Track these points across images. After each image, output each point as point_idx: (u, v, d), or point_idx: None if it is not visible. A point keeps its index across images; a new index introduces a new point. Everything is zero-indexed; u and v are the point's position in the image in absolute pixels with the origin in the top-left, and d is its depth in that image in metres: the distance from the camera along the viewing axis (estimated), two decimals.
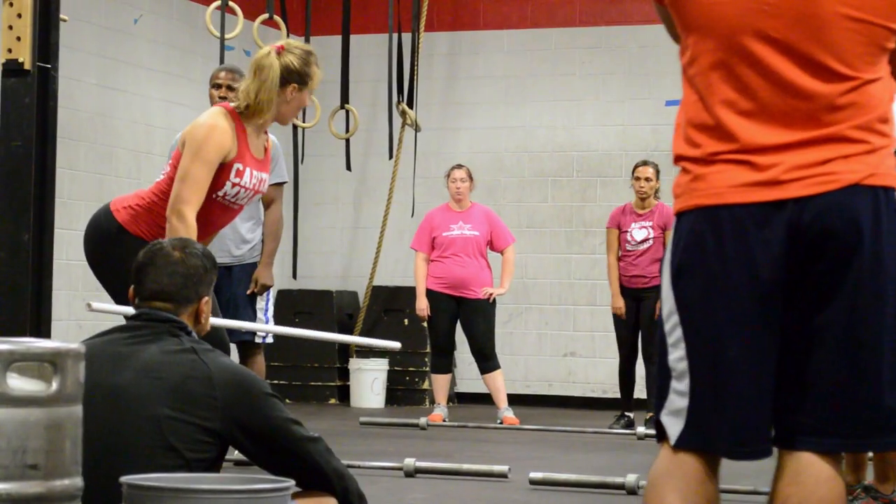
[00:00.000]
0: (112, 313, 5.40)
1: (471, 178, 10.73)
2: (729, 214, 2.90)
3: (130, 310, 3.91)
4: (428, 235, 10.64)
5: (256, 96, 5.37)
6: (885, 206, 2.92)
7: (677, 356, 2.97)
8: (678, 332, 2.96)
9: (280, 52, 5.41)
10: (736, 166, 2.91)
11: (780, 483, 2.97)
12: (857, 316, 2.91)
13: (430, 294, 10.55)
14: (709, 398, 2.93)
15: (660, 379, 3.02)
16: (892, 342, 2.94)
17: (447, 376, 10.75)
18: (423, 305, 10.55)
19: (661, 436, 3.01)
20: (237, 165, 5.35)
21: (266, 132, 5.55)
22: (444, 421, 10.50)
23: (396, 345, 5.66)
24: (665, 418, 3.00)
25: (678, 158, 3.01)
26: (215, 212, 5.42)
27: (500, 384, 10.58)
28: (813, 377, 2.93)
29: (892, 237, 2.93)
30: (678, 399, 2.97)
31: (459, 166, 10.83)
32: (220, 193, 5.36)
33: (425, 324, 10.90)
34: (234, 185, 5.36)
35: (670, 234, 3.05)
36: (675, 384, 2.98)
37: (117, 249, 5.38)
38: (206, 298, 3.87)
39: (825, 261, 2.89)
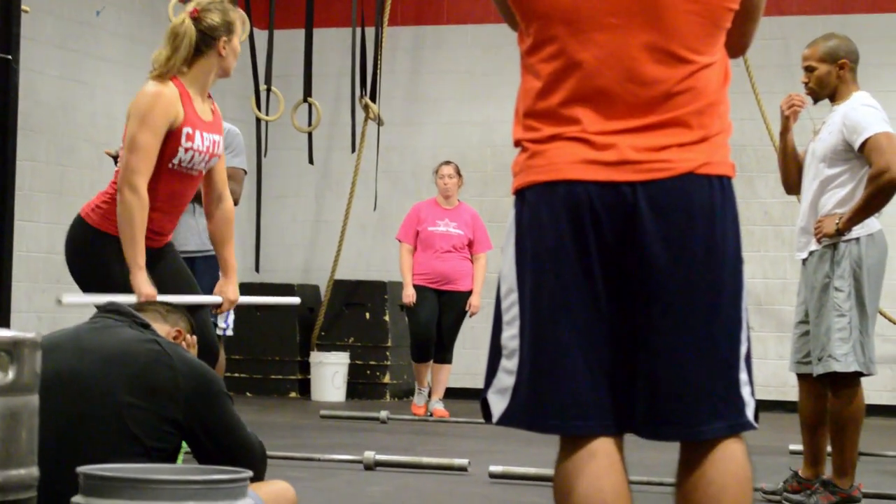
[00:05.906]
0: (84, 305, 5.27)
1: (459, 174, 10.82)
2: (566, 191, 2.87)
3: (103, 298, 3.94)
4: (413, 228, 10.73)
5: (168, 61, 5.36)
6: (720, 195, 2.91)
7: (510, 334, 2.94)
8: (514, 310, 2.93)
9: (195, 15, 5.40)
10: (575, 143, 2.88)
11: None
12: (691, 305, 2.87)
13: (414, 287, 10.65)
14: (534, 375, 2.89)
15: (490, 358, 3.00)
16: (727, 332, 2.91)
17: (427, 364, 10.83)
18: (409, 293, 10.65)
19: (487, 414, 2.99)
20: (186, 129, 5.35)
21: (210, 97, 5.56)
22: (425, 408, 10.77)
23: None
24: (491, 396, 2.98)
25: (517, 142, 2.99)
26: (175, 182, 5.41)
27: (445, 378, 10.88)
28: (646, 365, 2.88)
29: (727, 226, 2.91)
30: (506, 377, 2.95)
31: (447, 162, 10.93)
32: (175, 161, 5.37)
33: (396, 314, 10.80)
34: (186, 149, 5.37)
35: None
36: (504, 362, 2.95)
37: (100, 253, 5.35)
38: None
39: (658, 247, 2.86)
